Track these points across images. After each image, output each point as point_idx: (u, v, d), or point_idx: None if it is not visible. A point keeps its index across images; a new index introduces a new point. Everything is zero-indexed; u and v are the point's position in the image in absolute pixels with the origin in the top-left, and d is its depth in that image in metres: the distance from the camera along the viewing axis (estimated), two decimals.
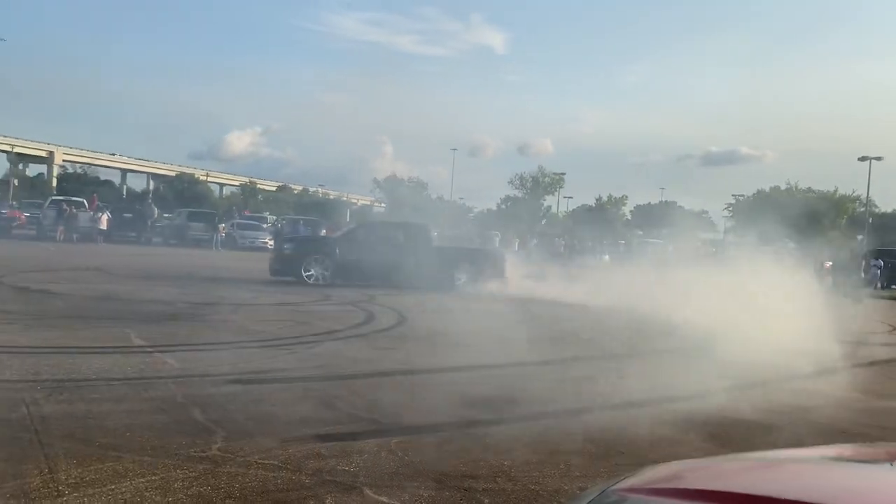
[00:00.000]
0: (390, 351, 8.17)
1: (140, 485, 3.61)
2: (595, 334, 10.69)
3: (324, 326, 9.84)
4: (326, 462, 4.16)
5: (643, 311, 12.04)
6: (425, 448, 4.57)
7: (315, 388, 6.07)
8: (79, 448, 4.11)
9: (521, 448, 4.69)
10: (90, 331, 8.28)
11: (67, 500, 3.36)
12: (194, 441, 4.38)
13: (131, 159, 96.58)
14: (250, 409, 5.22)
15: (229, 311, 11.03)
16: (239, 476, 3.83)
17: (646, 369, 7.97)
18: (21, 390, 5.32)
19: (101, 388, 5.56)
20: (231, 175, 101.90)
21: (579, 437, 5.05)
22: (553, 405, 6.00)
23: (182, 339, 8.14)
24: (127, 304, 10.94)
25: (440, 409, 5.59)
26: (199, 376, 6.25)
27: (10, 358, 6.45)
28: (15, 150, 73.97)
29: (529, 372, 7.42)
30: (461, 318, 11.94)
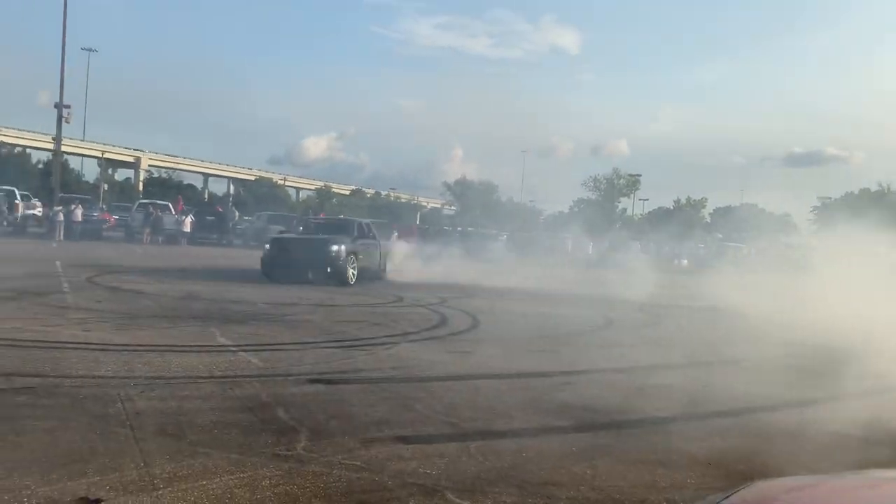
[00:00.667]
0: (465, 354, 8.16)
1: (229, 482, 3.71)
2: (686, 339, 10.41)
3: (399, 328, 9.92)
4: (408, 464, 4.18)
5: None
6: (505, 453, 4.54)
7: (393, 389, 6.12)
8: (171, 444, 4.26)
9: (604, 456, 4.60)
10: (178, 330, 8.60)
11: (162, 494, 3.48)
12: (279, 440, 4.48)
13: (213, 164, 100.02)
14: (332, 409, 5.30)
15: (307, 311, 11.27)
16: (323, 476, 3.89)
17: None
18: (116, 386, 5.56)
19: (190, 386, 5.75)
20: (307, 179, 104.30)
21: (664, 446, 4.92)
22: (636, 414, 5.87)
23: (264, 338, 8.36)
24: (211, 304, 11.31)
25: (518, 415, 5.55)
26: (281, 376, 6.39)
27: (105, 355, 6.76)
28: (105, 156, 77.78)
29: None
30: (534, 323, 11.85)
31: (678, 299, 19.20)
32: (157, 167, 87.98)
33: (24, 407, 4.82)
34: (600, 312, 14.14)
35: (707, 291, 23.70)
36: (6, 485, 3.45)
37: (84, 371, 6.03)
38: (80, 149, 77.07)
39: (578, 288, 17.80)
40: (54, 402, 4.99)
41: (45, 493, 3.39)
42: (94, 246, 26.74)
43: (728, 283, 19.43)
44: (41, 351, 6.76)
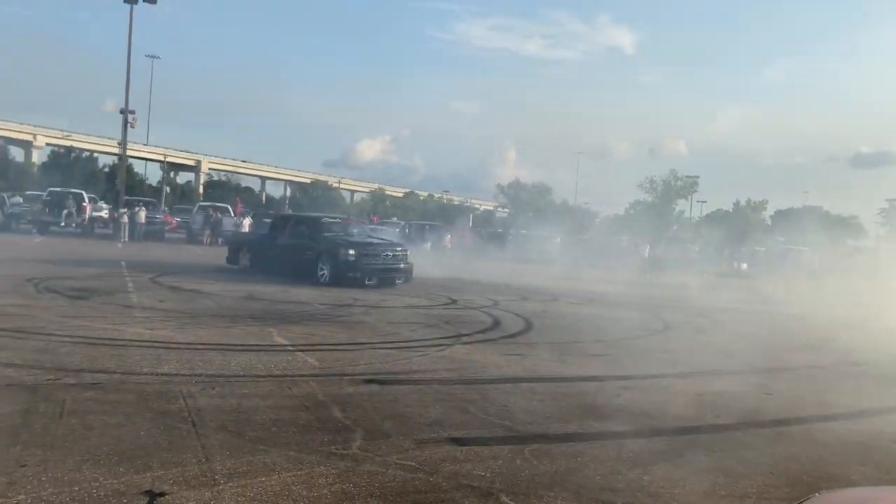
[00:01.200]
0: (519, 357, 8.12)
1: (287, 479, 3.78)
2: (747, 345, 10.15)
3: (452, 330, 9.94)
4: (462, 466, 4.18)
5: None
6: (560, 457, 4.50)
7: (447, 391, 6.13)
8: (231, 440, 4.36)
9: (661, 463, 4.52)
10: (237, 329, 8.80)
11: (223, 489, 3.56)
12: (335, 439, 4.54)
13: (270, 167, 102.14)
14: (386, 410, 5.35)
15: (362, 312, 11.38)
16: (379, 475, 3.92)
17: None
18: (179, 383, 5.72)
19: (249, 384, 5.88)
20: (361, 182, 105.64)
21: (723, 454, 4.80)
22: (695, 420, 5.75)
23: (320, 338, 8.49)
24: (269, 305, 11.54)
25: (573, 419, 5.50)
26: (337, 375, 6.48)
27: (168, 353, 6.97)
28: (167, 160, 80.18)
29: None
30: (589, 327, 11.72)
31: (737, 303, 18.72)
32: (217, 170, 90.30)
33: (92, 402, 5.00)
34: (657, 316, 13.90)
35: (768, 296, 23.07)
36: (76, 477, 3.59)
37: (148, 368, 6.23)
38: (144, 153, 79.65)
39: (634, 291, 17.52)
40: (120, 398, 5.16)
41: (112, 486, 3.51)
42: (156, 247, 27.57)
43: (790, 287, 18.87)
44: (108, 348, 7.00)
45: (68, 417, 4.59)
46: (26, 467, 3.67)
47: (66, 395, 5.14)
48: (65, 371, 5.89)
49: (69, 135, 77.61)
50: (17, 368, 5.86)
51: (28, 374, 5.68)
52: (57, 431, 4.29)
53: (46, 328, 7.87)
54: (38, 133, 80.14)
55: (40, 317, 8.68)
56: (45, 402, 4.90)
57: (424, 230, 42.68)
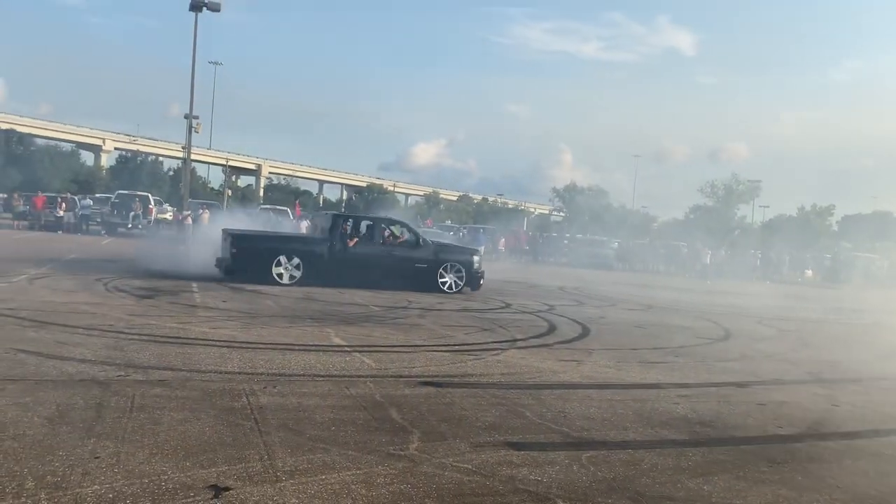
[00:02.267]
0: (576, 363, 8.06)
1: (347, 477, 3.85)
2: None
3: (507, 334, 9.93)
4: (518, 470, 4.18)
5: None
6: (617, 464, 4.46)
7: (502, 395, 6.13)
8: (292, 438, 4.46)
9: (722, 473, 4.43)
10: (296, 329, 8.98)
11: (285, 486, 3.65)
12: (393, 439, 4.60)
13: (328, 171, 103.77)
14: (442, 412, 5.38)
15: (417, 315, 11.47)
16: (436, 477, 3.96)
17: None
18: (241, 381, 5.88)
19: (309, 384, 6.00)
20: (416, 185, 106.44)
21: (787, 466, 4.68)
22: (757, 431, 5.62)
23: (376, 340, 8.59)
24: (326, 306, 11.73)
25: (631, 426, 5.44)
26: (393, 377, 6.55)
27: (230, 352, 7.16)
28: (229, 164, 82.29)
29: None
30: (647, 333, 11.55)
31: (802, 312, 18.19)
32: (277, 174, 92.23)
33: (159, 398, 5.18)
34: (717, 323, 13.61)
35: (833, 304, 22.30)
36: (146, 469, 3.73)
37: (212, 366, 6.41)
38: (207, 157, 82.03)
39: (694, 297, 17.18)
40: (186, 395, 5.33)
41: (179, 479, 3.63)
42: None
43: (857, 295, 18.20)
44: (174, 346, 7.24)
45: (137, 412, 4.77)
46: (100, 459, 3.83)
47: (136, 390, 5.34)
48: (134, 367, 6.12)
49: (135, 139, 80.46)
50: (90, 364, 6.12)
51: (100, 370, 5.92)
52: (127, 425, 4.46)
53: (116, 325, 8.18)
54: (106, 137, 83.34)
55: (110, 315, 9.03)
56: (115, 397, 5.10)
57: (478, 234, 42.66)
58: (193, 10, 35.38)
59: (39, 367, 5.91)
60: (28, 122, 74.87)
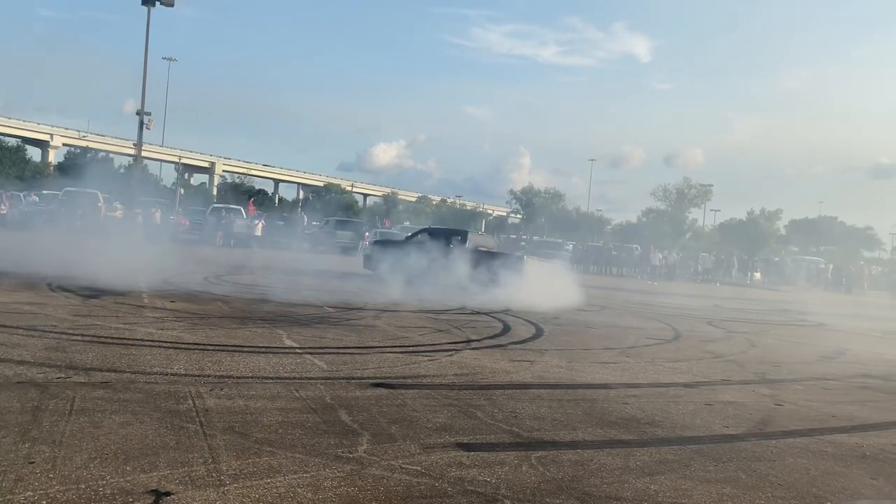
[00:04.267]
0: (528, 363, 8.10)
1: (293, 481, 3.78)
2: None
3: (462, 335, 9.93)
4: (468, 471, 4.17)
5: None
6: (566, 464, 4.48)
7: (454, 396, 6.12)
8: (238, 441, 4.37)
9: (669, 472, 4.49)
10: (247, 330, 8.83)
11: (229, 490, 3.57)
12: (341, 441, 4.54)
13: (283, 170, 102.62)
14: (393, 414, 5.34)
15: (372, 316, 11.39)
16: (384, 479, 3.92)
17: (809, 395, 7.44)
18: (187, 384, 5.74)
19: (257, 386, 5.89)
20: (375, 186, 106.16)
21: (731, 465, 4.77)
22: (703, 430, 5.72)
23: (329, 342, 8.50)
24: (279, 307, 11.57)
25: (580, 426, 5.47)
26: (345, 379, 6.48)
27: (177, 353, 7.00)
28: (181, 161, 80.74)
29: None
30: (599, 334, 11.68)
31: (749, 314, 18.62)
32: (231, 172, 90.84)
33: (101, 401, 5.03)
34: (668, 324, 13.84)
35: (780, 306, 22.90)
36: (83, 475, 3.61)
37: (158, 368, 6.25)
38: (160, 154, 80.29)
39: (646, 299, 17.45)
40: (129, 397, 5.18)
41: (118, 484, 3.52)
42: (170, 248, 27.72)
43: (802, 298, 18.69)
44: (119, 347, 7.04)
45: (77, 416, 4.61)
46: (34, 464, 3.69)
47: (76, 393, 5.17)
48: (75, 369, 5.93)
49: (85, 135, 78.39)
50: (28, 366, 5.91)
51: (39, 372, 5.72)
52: (66, 429, 4.31)
53: (59, 326, 7.93)
54: (55, 133, 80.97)
55: (54, 315, 8.74)
56: (54, 400, 4.93)
57: None
58: (146, 5, 34.64)
59: None
60: None
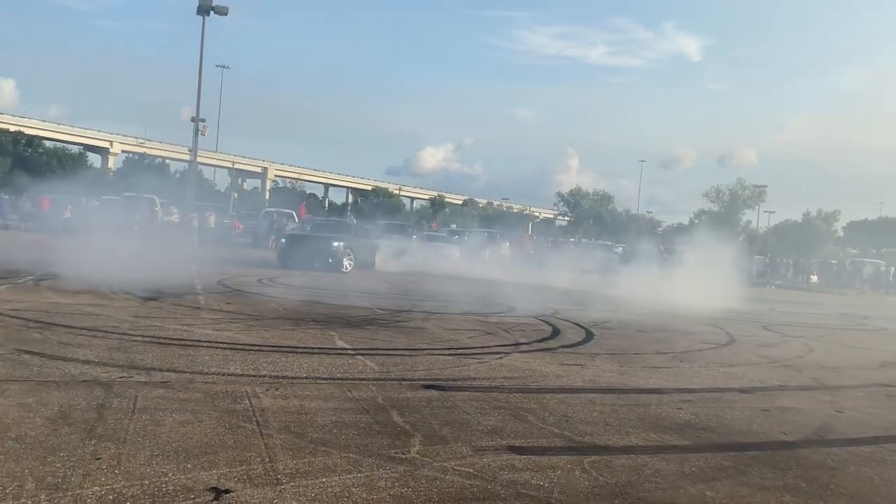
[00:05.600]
0: (579, 367, 8.04)
1: (347, 480, 3.84)
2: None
3: (510, 338, 9.92)
4: (520, 474, 4.17)
5: None
6: (620, 469, 4.44)
7: (505, 399, 6.12)
8: (293, 441, 4.46)
9: (725, 479, 4.41)
10: (300, 332, 8.98)
11: (285, 489, 3.64)
12: (394, 442, 4.59)
13: (333, 174, 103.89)
14: (444, 416, 5.37)
15: (421, 318, 11.46)
16: (436, 480, 3.95)
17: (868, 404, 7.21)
18: (244, 384, 5.88)
19: (311, 387, 5.99)
20: (421, 189, 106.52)
21: (791, 472, 4.65)
22: (760, 436, 5.60)
23: (380, 343, 8.59)
24: (331, 309, 11.74)
25: (633, 431, 5.41)
26: (396, 380, 6.54)
27: (234, 353, 7.17)
28: (235, 167, 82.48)
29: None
30: (651, 338, 11.52)
31: (806, 318, 18.13)
32: (283, 177, 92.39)
33: (162, 400, 5.18)
34: (721, 328, 13.57)
35: (839, 310, 22.21)
36: (147, 471, 3.73)
37: (215, 368, 6.41)
38: (214, 159, 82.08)
39: (697, 302, 17.13)
40: (189, 396, 5.33)
41: (180, 481, 3.63)
42: (224, 251, 28.36)
43: (862, 301, 18.11)
44: (177, 348, 7.25)
45: (140, 414, 4.77)
46: (101, 460, 3.83)
47: (138, 392, 5.34)
48: (137, 369, 6.13)
49: (143, 142, 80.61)
50: (93, 365, 6.12)
51: (103, 371, 5.93)
52: (129, 427, 4.46)
53: (120, 327, 8.19)
54: (114, 140, 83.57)
55: (115, 316, 9.04)
56: (118, 399, 5.10)
57: (483, 238, 42.66)
58: (201, 14, 35.49)
59: (42, 367, 5.92)
60: (37, 124, 75.17)
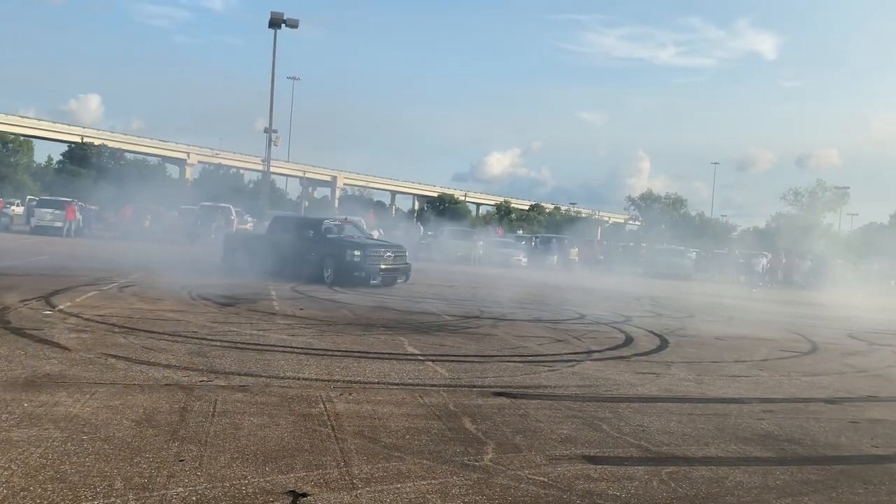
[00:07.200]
0: (654, 376, 7.85)
1: (422, 487, 3.84)
2: None
3: (582, 346, 9.77)
4: (596, 485, 4.08)
5: None
6: (699, 481, 4.30)
7: (578, 407, 6.02)
8: (367, 445, 4.49)
9: (813, 493, 4.21)
10: (371, 337, 9.08)
11: (361, 494, 3.67)
12: (467, 450, 4.57)
13: (400, 181, 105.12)
14: (517, 423, 5.32)
15: (490, 325, 11.42)
16: (511, 489, 3.91)
17: None
18: (318, 388, 5.97)
19: (383, 392, 6.04)
20: (487, 195, 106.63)
21: (884, 487, 4.41)
22: (849, 450, 5.33)
23: (449, 349, 8.59)
24: (400, 315, 11.83)
25: (713, 442, 5.24)
26: (466, 387, 6.53)
27: (308, 358, 7.30)
28: (306, 175, 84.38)
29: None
30: (728, 346, 11.16)
31: (894, 325, 17.22)
32: (352, 185, 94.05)
33: (240, 403, 5.32)
34: (803, 336, 13.04)
35: None
36: (227, 473, 3.82)
37: (290, 373, 6.54)
38: (285, 169, 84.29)
39: (777, 308, 16.51)
40: (265, 400, 5.45)
41: (259, 484, 3.70)
42: None
43: None
44: (254, 353, 7.43)
45: (220, 417, 4.90)
46: (184, 462, 3.95)
47: (218, 395, 5.49)
48: (216, 373, 6.31)
49: (218, 153, 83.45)
50: (174, 370, 6.34)
51: (184, 376, 6.13)
52: (210, 430, 4.59)
53: (199, 332, 8.46)
54: (191, 151, 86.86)
55: (194, 322, 9.34)
56: (199, 402, 5.26)
57: (551, 243, 42.31)
58: (273, 27, 36.51)
59: (128, 371, 6.16)
60: (119, 137, 78.98)
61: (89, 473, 3.68)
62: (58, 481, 3.55)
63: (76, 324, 8.47)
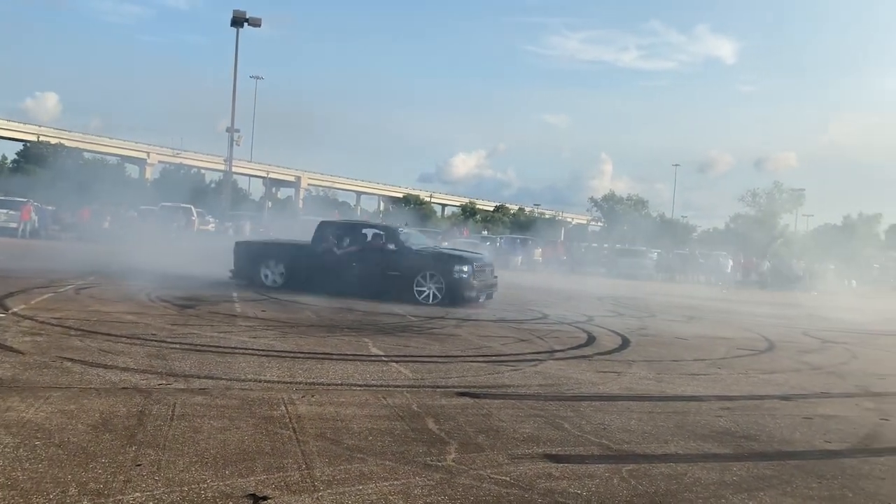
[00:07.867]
0: (615, 374, 7.95)
1: (384, 488, 3.83)
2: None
3: (545, 345, 9.85)
4: (558, 483, 4.12)
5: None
6: (659, 478, 4.36)
7: (540, 406, 6.06)
8: (329, 447, 4.47)
9: (768, 488, 4.31)
10: (334, 338, 9.03)
11: (322, 496, 3.65)
12: (430, 450, 4.57)
13: (365, 182, 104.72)
14: (480, 423, 5.34)
15: (454, 325, 11.44)
16: (473, 489, 3.92)
17: None
18: (280, 390, 5.92)
19: (346, 393, 6.01)
20: (453, 196, 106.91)
21: (836, 482, 4.53)
22: (803, 445, 5.46)
23: (413, 350, 8.59)
24: (364, 316, 11.78)
25: (672, 439, 5.33)
26: (430, 387, 6.53)
27: (269, 361, 7.22)
28: (269, 176, 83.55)
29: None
30: (688, 345, 11.35)
31: (848, 323, 17.70)
32: (316, 185, 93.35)
33: (200, 406, 5.24)
34: (760, 334, 13.32)
35: (881, 315, 21.67)
36: (186, 477, 3.76)
37: (252, 375, 6.47)
38: (248, 169, 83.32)
39: (735, 307, 16.85)
40: (226, 403, 5.38)
41: (218, 488, 3.65)
42: None
43: None
44: (214, 355, 7.33)
45: (178, 420, 4.82)
46: (141, 466, 3.88)
47: (177, 399, 5.41)
48: (175, 376, 6.21)
49: (179, 152, 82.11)
50: (132, 373, 6.22)
51: (142, 379, 6.02)
52: (168, 433, 4.51)
53: (158, 335, 8.32)
54: (151, 151, 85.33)
55: (153, 324, 9.18)
56: (157, 406, 5.17)
57: (515, 244, 42.57)
58: (235, 26, 36.10)
59: (84, 375, 6.03)
60: (77, 136, 77.16)
61: (42, 480, 3.59)
62: (9, 488, 3.46)
63: (31, 326, 8.26)
